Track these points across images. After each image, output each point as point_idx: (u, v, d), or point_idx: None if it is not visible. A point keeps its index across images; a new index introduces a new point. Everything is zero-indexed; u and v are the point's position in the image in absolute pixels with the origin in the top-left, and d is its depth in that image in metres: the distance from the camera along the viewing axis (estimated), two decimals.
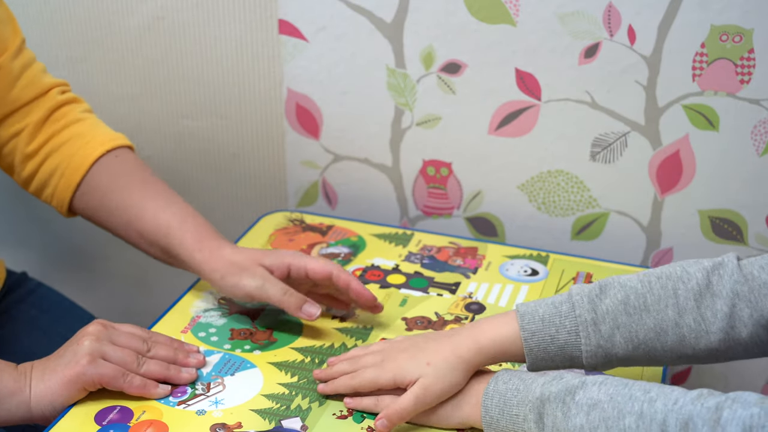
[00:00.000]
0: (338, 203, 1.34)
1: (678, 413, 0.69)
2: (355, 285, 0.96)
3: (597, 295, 0.81)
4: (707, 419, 0.67)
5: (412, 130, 1.25)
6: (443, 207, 1.29)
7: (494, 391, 0.80)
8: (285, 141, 1.32)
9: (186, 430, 0.83)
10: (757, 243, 1.17)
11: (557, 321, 0.81)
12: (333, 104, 1.27)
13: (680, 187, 1.17)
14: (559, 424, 0.74)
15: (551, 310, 0.81)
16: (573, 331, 0.80)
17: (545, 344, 0.81)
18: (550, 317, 0.81)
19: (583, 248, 1.24)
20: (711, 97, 1.11)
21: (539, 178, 1.22)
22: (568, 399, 0.74)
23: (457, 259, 1.12)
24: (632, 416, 0.71)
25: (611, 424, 0.72)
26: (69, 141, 1.04)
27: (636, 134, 1.16)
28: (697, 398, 0.70)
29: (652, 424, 0.70)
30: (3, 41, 1.03)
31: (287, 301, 0.93)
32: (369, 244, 1.16)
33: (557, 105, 1.17)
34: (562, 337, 0.80)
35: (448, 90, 1.20)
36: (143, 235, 1.01)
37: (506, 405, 0.78)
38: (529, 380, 0.79)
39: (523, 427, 0.77)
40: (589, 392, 0.74)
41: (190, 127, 1.36)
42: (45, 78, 1.07)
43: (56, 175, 1.04)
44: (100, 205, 1.03)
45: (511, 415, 0.78)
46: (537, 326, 0.81)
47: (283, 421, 0.84)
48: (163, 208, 1.00)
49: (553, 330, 0.81)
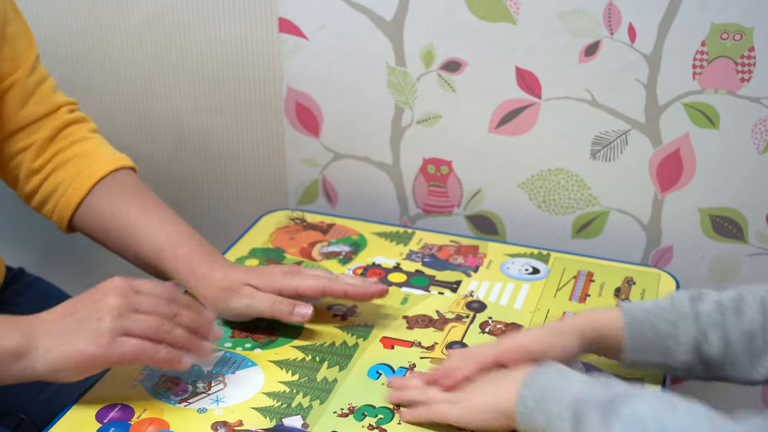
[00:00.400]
0: (338, 201, 1.34)
1: None
2: (352, 291, 0.95)
3: (696, 297, 0.86)
4: None
5: (412, 128, 1.25)
6: (443, 205, 1.29)
7: (532, 382, 0.78)
8: (285, 139, 1.32)
9: (187, 428, 0.83)
10: (758, 241, 1.17)
11: (657, 311, 0.85)
12: (333, 102, 1.27)
13: (680, 186, 1.17)
14: None
15: (652, 305, 0.86)
16: (672, 322, 0.84)
17: (645, 330, 0.84)
18: (650, 308, 0.85)
19: (584, 246, 1.24)
20: (711, 96, 1.11)
21: (539, 177, 1.22)
22: (610, 407, 0.72)
23: (458, 258, 1.12)
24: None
25: None
26: (73, 159, 1.05)
27: (636, 132, 1.16)
28: None
29: None
30: (19, 56, 1.03)
31: (278, 309, 0.93)
32: (370, 243, 1.16)
33: (557, 103, 1.17)
34: (662, 327, 0.84)
35: (448, 88, 1.20)
36: (139, 258, 1.02)
37: (544, 400, 0.76)
38: (571, 376, 0.77)
39: (557, 424, 0.75)
40: (634, 406, 0.71)
41: (190, 125, 1.36)
42: (56, 96, 1.07)
43: (58, 193, 1.05)
44: (99, 227, 1.04)
45: (548, 411, 0.75)
46: (639, 314, 0.85)
47: (284, 419, 0.84)
48: (157, 232, 1.00)
49: (654, 319, 0.84)
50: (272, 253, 1.13)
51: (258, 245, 1.15)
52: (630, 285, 1.07)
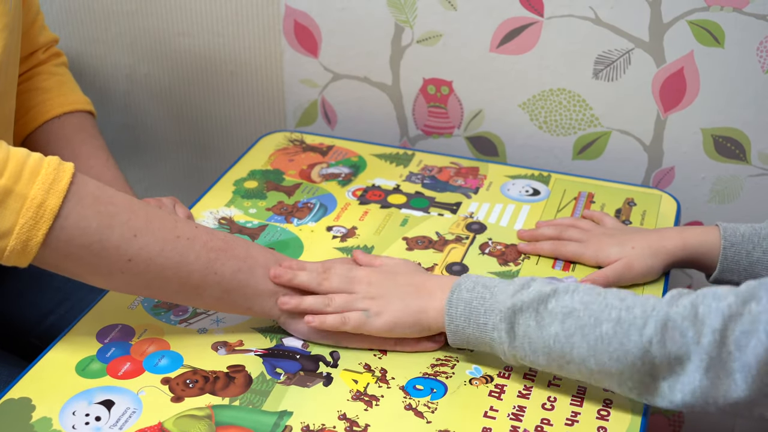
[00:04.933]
0: (337, 123, 1.33)
1: (656, 317, 0.70)
2: None
3: None
4: (686, 316, 0.69)
5: (412, 47, 1.23)
6: (444, 126, 1.28)
7: (458, 300, 0.79)
8: (283, 59, 1.30)
9: (187, 349, 0.84)
10: (760, 162, 1.16)
11: (756, 240, 0.88)
12: (332, 21, 1.25)
13: (683, 106, 1.16)
14: (532, 333, 0.75)
15: (751, 230, 0.89)
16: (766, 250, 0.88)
17: (740, 257, 0.88)
18: (749, 235, 0.88)
19: (585, 168, 1.23)
20: (717, 13, 1.09)
21: (541, 97, 1.21)
22: (541, 308, 0.75)
23: (458, 179, 1.12)
24: (609, 323, 0.72)
25: (587, 331, 0.72)
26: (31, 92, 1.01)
27: (640, 51, 1.14)
28: (671, 300, 0.72)
29: (630, 329, 0.71)
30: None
31: None
32: (369, 165, 1.15)
33: (560, 21, 1.15)
34: (757, 254, 0.88)
35: (449, 6, 1.18)
36: None
37: (472, 313, 0.78)
38: (494, 287, 0.78)
39: (491, 336, 0.77)
40: (563, 300, 0.74)
41: (186, 44, 1.34)
42: (40, 36, 1.04)
43: None
44: None
45: (479, 324, 0.78)
46: (737, 240, 0.89)
47: (284, 339, 0.85)
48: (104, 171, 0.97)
49: (750, 246, 0.88)
50: (271, 175, 1.12)
51: (257, 167, 1.14)
52: (631, 206, 1.06)
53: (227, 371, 0.81)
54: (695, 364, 0.69)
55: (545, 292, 0.75)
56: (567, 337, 0.73)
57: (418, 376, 0.81)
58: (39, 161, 0.74)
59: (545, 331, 0.74)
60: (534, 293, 0.76)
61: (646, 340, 0.70)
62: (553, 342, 0.74)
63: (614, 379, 0.73)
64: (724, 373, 0.68)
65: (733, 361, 0.67)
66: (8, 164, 0.72)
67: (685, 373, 0.69)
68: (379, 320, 0.82)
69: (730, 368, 0.67)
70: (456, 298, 0.79)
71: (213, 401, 0.78)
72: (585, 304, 0.74)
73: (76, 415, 0.76)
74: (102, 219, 0.75)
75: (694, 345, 0.69)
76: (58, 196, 0.73)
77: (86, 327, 0.86)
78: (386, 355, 0.83)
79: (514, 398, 0.78)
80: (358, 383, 0.80)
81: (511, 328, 0.76)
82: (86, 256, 0.75)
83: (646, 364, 0.71)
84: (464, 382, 0.80)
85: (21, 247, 0.73)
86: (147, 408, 0.77)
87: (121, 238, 0.76)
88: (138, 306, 0.89)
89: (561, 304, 0.74)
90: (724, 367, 0.68)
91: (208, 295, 0.81)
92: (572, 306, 0.74)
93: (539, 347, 0.75)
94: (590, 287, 0.76)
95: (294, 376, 0.81)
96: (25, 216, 0.72)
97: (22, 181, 0.72)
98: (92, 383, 0.79)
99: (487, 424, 0.76)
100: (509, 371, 0.81)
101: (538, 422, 0.76)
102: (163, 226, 0.78)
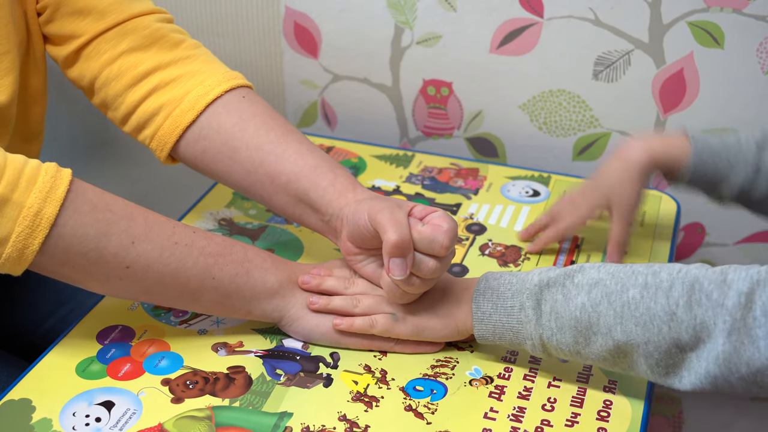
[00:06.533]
0: (337, 124, 1.33)
1: (683, 279, 0.70)
2: None
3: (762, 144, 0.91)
4: (713, 279, 0.69)
5: (412, 48, 1.23)
6: (443, 127, 1.28)
7: (485, 288, 0.80)
8: (283, 60, 1.30)
9: (187, 350, 0.84)
10: None
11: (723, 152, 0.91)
12: (332, 22, 1.25)
13: (683, 107, 1.16)
14: (558, 306, 0.75)
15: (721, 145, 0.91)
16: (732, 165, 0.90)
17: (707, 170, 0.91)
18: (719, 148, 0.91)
19: (585, 168, 1.23)
20: (717, 14, 1.09)
21: (541, 98, 1.21)
22: (567, 282, 0.75)
23: (458, 180, 1.12)
24: (636, 288, 0.72)
25: (614, 298, 0.72)
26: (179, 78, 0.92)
27: (639, 52, 1.14)
28: (700, 266, 0.71)
29: (657, 292, 0.70)
30: None
31: None
32: (370, 166, 1.15)
33: (560, 22, 1.15)
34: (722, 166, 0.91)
35: (448, 7, 1.18)
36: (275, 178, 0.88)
37: (499, 299, 0.78)
38: (522, 275, 0.79)
39: (519, 317, 0.77)
40: (589, 274, 0.75)
41: None
42: None
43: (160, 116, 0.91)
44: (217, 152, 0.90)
45: (506, 308, 0.78)
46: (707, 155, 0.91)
47: (284, 340, 0.85)
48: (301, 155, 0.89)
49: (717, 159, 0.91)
50: None
51: None
52: None
53: (227, 372, 0.81)
54: (719, 327, 0.68)
55: (572, 268, 0.76)
56: (593, 306, 0.73)
57: (418, 377, 0.81)
58: (36, 168, 0.74)
59: (572, 303, 0.74)
60: (560, 271, 0.76)
61: (673, 302, 0.69)
62: (580, 313, 0.73)
63: (640, 351, 0.72)
64: (749, 339, 0.67)
65: (758, 327, 0.66)
66: (5, 172, 0.72)
67: (711, 339, 0.69)
68: (407, 324, 0.82)
69: (755, 335, 0.66)
70: (483, 287, 0.80)
71: (213, 402, 0.78)
72: (611, 274, 0.74)
73: (77, 416, 0.76)
74: (100, 227, 0.75)
75: (719, 307, 0.68)
76: (55, 204, 0.73)
77: (86, 328, 0.86)
78: (386, 356, 0.83)
79: (514, 399, 0.79)
80: (358, 384, 0.80)
81: (538, 304, 0.76)
82: (84, 264, 0.75)
83: (673, 330, 0.70)
84: (464, 383, 0.80)
85: (17, 255, 0.73)
86: (147, 409, 0.77)
87: (119, 246, 0.76)
88: (138, 307, 0.89)
89: (587, 277, 0.75)
90: (749, 332, 0.67)
91: (207, 300, 0.81)
92: (599, 277, 0.74)
93: (566, 321, 0.74)
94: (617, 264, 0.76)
95: (294, 377, 0.81)
96: (22, 224, 0.72)
97: (19, 189, 0.72)
98: (92, 384, 0.79)
99: (487, 425, 0.76)
100: (509, 372, 0.82)
101: (538, 423, 0.76)
102: (161, 233, 0.78)
